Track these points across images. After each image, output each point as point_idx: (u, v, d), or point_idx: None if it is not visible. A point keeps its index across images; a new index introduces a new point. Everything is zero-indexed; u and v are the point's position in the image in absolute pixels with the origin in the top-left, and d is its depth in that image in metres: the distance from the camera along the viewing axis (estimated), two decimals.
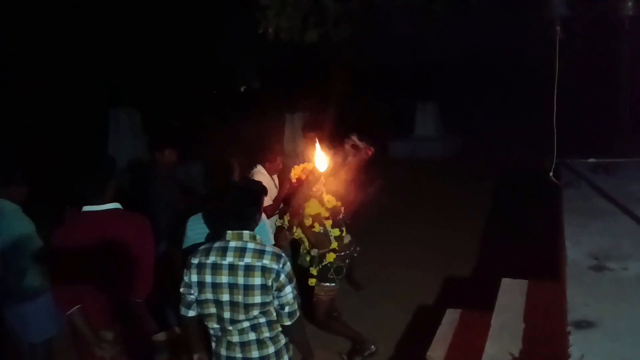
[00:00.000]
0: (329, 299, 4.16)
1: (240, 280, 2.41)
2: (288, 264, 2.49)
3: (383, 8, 7.48)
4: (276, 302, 2.46)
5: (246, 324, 2.48)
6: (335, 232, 4.13)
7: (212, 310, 2.49)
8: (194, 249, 2.60)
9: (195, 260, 2.49)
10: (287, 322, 2.51)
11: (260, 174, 4.47)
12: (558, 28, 3.29)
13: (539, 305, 3.14)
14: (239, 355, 2.51)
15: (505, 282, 3.53)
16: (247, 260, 2.42)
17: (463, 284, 5.22)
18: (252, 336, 2.49)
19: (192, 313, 2.57)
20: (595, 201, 4.23)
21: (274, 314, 2.50)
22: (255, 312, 2.45)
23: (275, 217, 4.47)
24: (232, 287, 2.42)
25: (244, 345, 2.50)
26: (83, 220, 2.89)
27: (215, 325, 2.52)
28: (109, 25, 12.49)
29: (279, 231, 4.21)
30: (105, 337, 2.87)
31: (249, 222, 2.54)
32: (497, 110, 14.34)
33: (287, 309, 2.48)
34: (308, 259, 4.22)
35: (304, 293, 4.03)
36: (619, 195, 4.22)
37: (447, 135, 13.18)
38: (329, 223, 4.13)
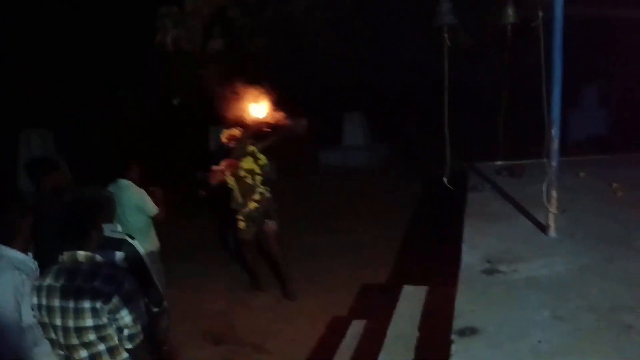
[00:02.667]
0: (248, 238, 5.36)
1: (71, 304, 2.31)
2: (126, 285, 2.37)
3: (297, 20, 7.45)
4: (114, 325, 2.36)
5: (84, 354, 2.36)
6: (261, 188, 5.20)
7: (52, 335, 2.40)
8: None
9: (36, 283, 2.42)
10: (129, 346, 2.42)
11: (132, 187, 4.49)
12: (445, 35, 3.33)
13: (435, 312, 3.10)
14: None
15: (406, 289, 3.49)
16: (79, 282, 2.32)
17: (376, 291, 5.20)
18: None
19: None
20: (497, 204, 4.30)
21: (116, 339, 2.39)
22: (91, 337, 2.33)
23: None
24: (64, 311, 2.32)
25: None
26: None
27: (60, 352, 2.42)
28: (17, 41, 11.82)
29: (212, 172, 5.09)
30: None
31: (84, 241, 2.40)
32: (422, 119, 14.63)
33: (126, 332, 2.38)
34: (239, 202, 5.23)
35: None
36: (518, 198, 4.31)
37: (375, 145, 13.34)
38: (259, 179, 5.21)
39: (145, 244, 4.31)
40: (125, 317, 2.35)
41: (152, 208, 4.53)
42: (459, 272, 3.02)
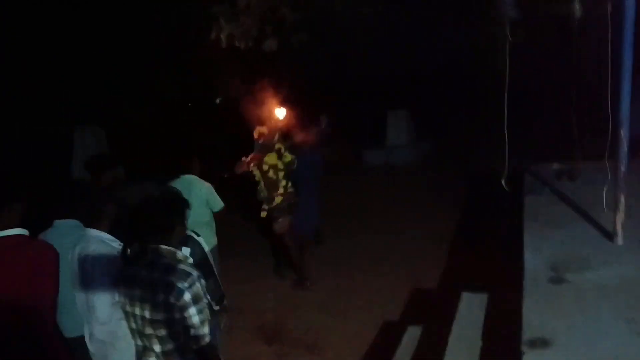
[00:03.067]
0: (282, 231, 5.71)
1: (149, 295, 2.34)
2: (197, 285, 2.36)
3: (344, 16, 7.41)
4: (182, 324, 2.35)
5: (158, 348, 2.39)
6: (284, 183, 5.67)
7: (133, 325, 2.44)
8: None
9: (124, 272, 2.48)
10: (194, 346, 2.39)
11: (199, 181, 4.55)
12: (507, 31, 3.23)
13: (498, 320, 3.02)
14: None
15: (465, 296, 3.41)
16: (157, 275, 2.35)
17: (428, 294, 5.12)
18: None
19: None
20: (557, 208, 4.16)
21: (180, 342, 2.40)
22: (163, 332, 2.35)
23: None
24: (142, 301, 2.37)
25: None
26: None
27: (138, 342, 2.47)
28: (72, 39, 12.22)
29: (239, 163, 5.55)
30: None
31: (169, 236, 2.43)
32: (468, 115, 14.36)
33: (192, 332, 2.36)
34: (263, 194, 5.72)
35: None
36: (580, 202, 4.16)
37: (420, 142, 13.17)
38: (282, 174, 5.65)
39: (209, 240, 4.39)
40: (193, 316, 2.33)
41: (220, 202, 4.61)
42: (523, 279, 2.94)
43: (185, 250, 3.07)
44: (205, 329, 2.39)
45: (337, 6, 6.98)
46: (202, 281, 2.41)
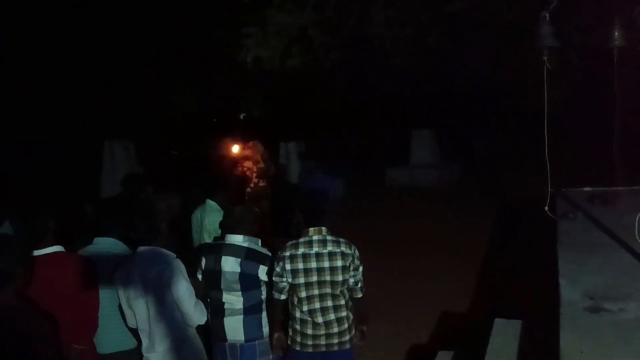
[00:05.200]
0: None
1: (326, 264, 3.16)
2: (357, 250, 3.26)
3: (375, 37, 7.47)
4: (352, 280, 3.25)
5: (330, 303, 3.18)
6: (255, 180, 6.83)
7: (303, 294, 3.18)
8: None
9: (286, 253, 3.21)
10: (360, 295, 3.31)
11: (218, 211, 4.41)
12: (545, 58, 3.21)
13: (533, 349, 2.95)
14: (322, 332, 3.21)
15: (499, 322, 3.34)
16: (329, 248, 3.19)
17: (458, 320, 5.02)
18: (332, 316, 3.21)
19: (283, 297, 3.28)
20: (593, 234, 4.06)
21: (347, 296, 3.27)
22: (338, 290, 3.18)
23: None
24: (320, 270, 3.16)
25: (327, 324, 3.21)
26: None
27: (305, 308, 3.19)
28: (104, 56, 12.55)
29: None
30: None
31: (324, 219, 3.28)
32: (495, 138, 14.25)
33: (360, 285, 3.29)
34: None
35: None
36: (617, 228, 4.05)
37: (444, 163, 13.07)
38: (254, 175, 6.83)
39: None
40: (361, 272, 3.28)
41: None
42: (560, 308, 2.87)
43: (263, 269, 3.16)
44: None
45: (367, 28, 7.05)
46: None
